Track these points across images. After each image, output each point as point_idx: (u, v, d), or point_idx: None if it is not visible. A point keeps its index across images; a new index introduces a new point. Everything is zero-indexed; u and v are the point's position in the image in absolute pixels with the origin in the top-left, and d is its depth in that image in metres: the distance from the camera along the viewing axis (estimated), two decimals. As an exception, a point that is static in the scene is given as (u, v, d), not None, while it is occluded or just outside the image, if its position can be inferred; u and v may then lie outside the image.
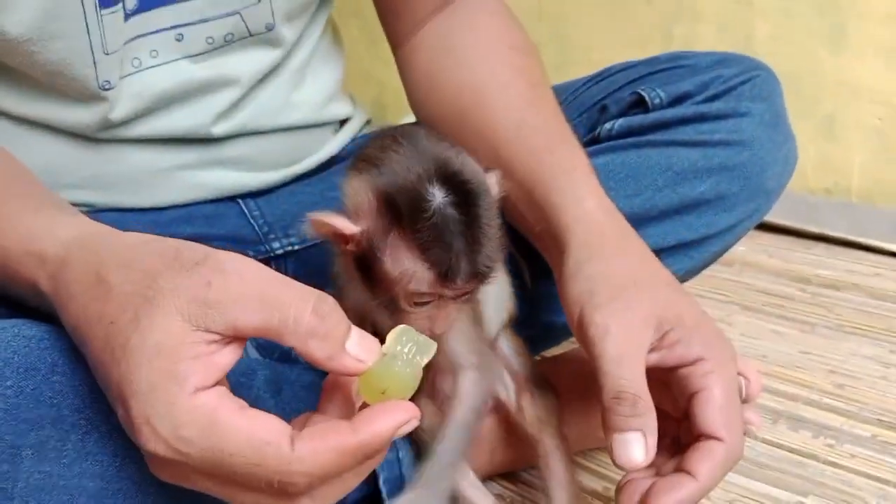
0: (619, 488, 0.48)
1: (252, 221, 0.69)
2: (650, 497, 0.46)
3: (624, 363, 0.46)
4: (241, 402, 0.36)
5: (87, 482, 0.42)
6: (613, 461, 0.46)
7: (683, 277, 0.71)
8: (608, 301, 0.48)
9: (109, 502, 0.42)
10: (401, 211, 0.44)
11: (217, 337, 0.36)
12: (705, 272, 0.74)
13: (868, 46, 1.23)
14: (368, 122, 0.80)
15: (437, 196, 0.44)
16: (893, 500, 0.62)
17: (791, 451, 0.69)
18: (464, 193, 0.44)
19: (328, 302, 0.37)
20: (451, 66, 0.64)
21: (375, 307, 0.48)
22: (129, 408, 0.35)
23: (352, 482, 0.37)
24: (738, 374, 0.48)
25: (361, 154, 0.48)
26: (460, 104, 0.62)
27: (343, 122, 0.76)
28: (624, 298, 0.48)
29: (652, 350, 0.47)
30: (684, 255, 0.67)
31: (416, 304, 0.46)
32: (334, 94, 0.74)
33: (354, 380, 0.38)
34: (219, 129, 0.65)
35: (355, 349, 0.36)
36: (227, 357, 0.36)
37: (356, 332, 0.37)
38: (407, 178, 0.44)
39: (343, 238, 0.46)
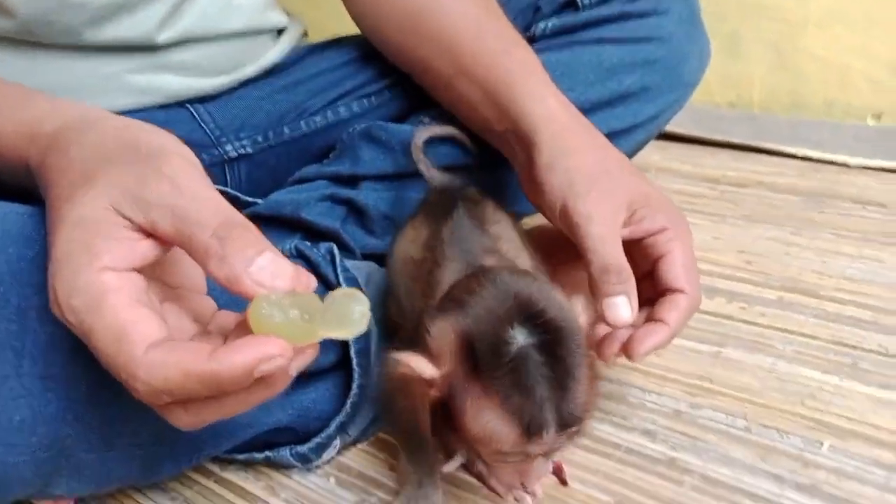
0: (599, 341, 0.55)
1: (203, 126, 0.71)
2: (633, 343, 0.53)
3: (607, 241, 0.53)
4: (148, 300, 0.37)
5: None
6: (605, 321, 0.53)
7: None
8: (587, 190, 0.55)
9: None
10: (479, 356, 0.41)
11: (138, 228, 0.37)
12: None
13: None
14: (305, 34, 0.83)
15: (519, 338, 0.41)
16: (797, 344, 0.71)
17: (708, 313, 0.77)
18: (548, 333, 0.41)
19: (236, 225, 0.36)
20: None
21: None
22: (48, 271, 0.37)
23: (232, 408, 0.37)
24: None
25: (448, 294, 0.46)
26: (412, 9, 0.66)
27: (280, 32, 0.78)
28: (600, 187, 0.55)
29: (624, 226, 0.55)
30: (614, 143, 0.73)
31: (501, 460, 0.44)
32: (271, 1, 0.76)
33: None
34: (163, 37, 0.66)
35: (259, 274, 0.35)
36: (148, 249, 0.37)
37: (269, 258, 0.36)
38: (487, 320, 0.41)
39: (423, 382, 0.43)
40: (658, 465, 0.58)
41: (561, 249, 0.73)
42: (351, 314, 0.36)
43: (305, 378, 0.59)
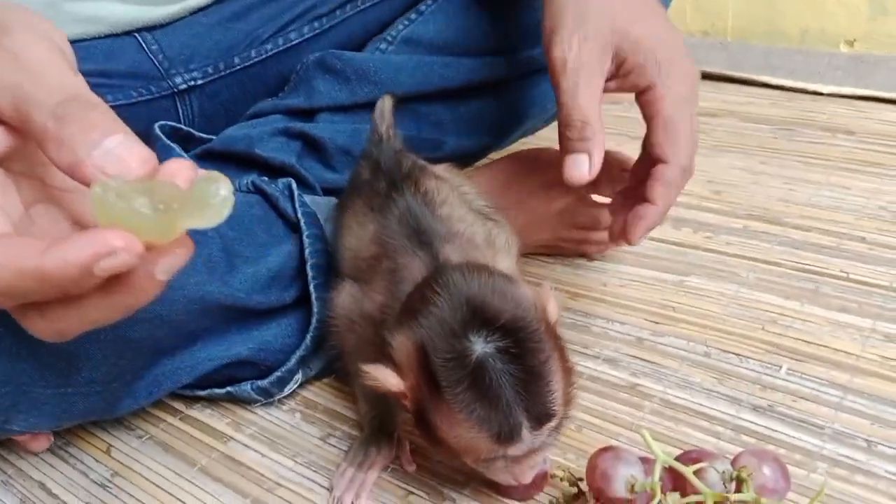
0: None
1: (151, 56, 0.68)
2: (627, 231, 0.52)
3: (578, 93, 0.49)
4: None
5: None
6: (565, 180, 0.51)
7: None
8: (569, 34, 0.50)
9: None
10: (437, 372, 0.40)
11: None
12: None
13: None
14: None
15: (476, 347, 0.39)
16: (760, 272, 0.72)
17: (674, 244, 0.78)
18: (507, 335, 0.40)
19: (79, 102, 0.32)
20: None
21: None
22: None
23: (93, 315, 0.32)
24: None
25: (405, 304, 0.44)
26: None
27: None
28: (583, 29, 0.50)
29: (611, 78, 0.51)
30: None
31: (489, 465, 0.43)
32: None
33: None
34: None
35: (103, 159, 0.31)
36: None
37: (119, 140, 0.31)
38: (442, 333, 0.40)
39: (394, 394, 0.43)
40: (619, 390, 0.59)
41: (536, 171, 0.72)
42: (210, 198, 0.30)
43: (267, 314, 0.59)
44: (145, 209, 0.30)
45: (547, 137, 0.61)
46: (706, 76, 1.24)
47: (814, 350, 0.61)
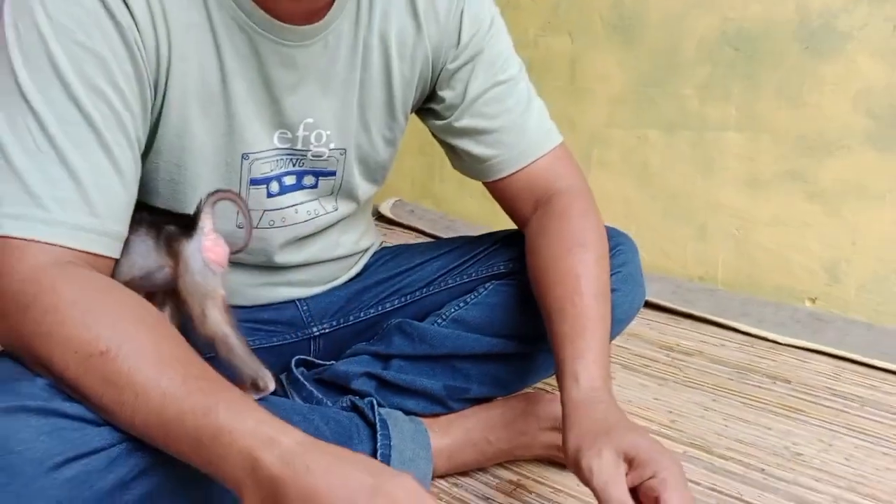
0: None
1: (302, 313, 1.09)
2: None
3: (608, 488, 0.67)
4: None
5: None
6: None
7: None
8: (588, 450, 0.69)
9: None
10: None
11: None
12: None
13: (728, 175, 1.66)
14: (382, 244, 1.17)
15: None
16: (682, 488, 1.03)
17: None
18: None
19: None
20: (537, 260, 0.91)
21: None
22: None
23: None
24: None
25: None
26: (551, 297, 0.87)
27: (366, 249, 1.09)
28: (598, 446, 0.69)
29: (628, 473, 0.68)
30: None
31: None
32: (365, 231, 1.07)
33: None
34: (287, 259, 0.96)
35: None
36: None
37: None
38: None
39: None
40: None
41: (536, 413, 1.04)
42: None
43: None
44: None
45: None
46: (693, 317, 1.55)
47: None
